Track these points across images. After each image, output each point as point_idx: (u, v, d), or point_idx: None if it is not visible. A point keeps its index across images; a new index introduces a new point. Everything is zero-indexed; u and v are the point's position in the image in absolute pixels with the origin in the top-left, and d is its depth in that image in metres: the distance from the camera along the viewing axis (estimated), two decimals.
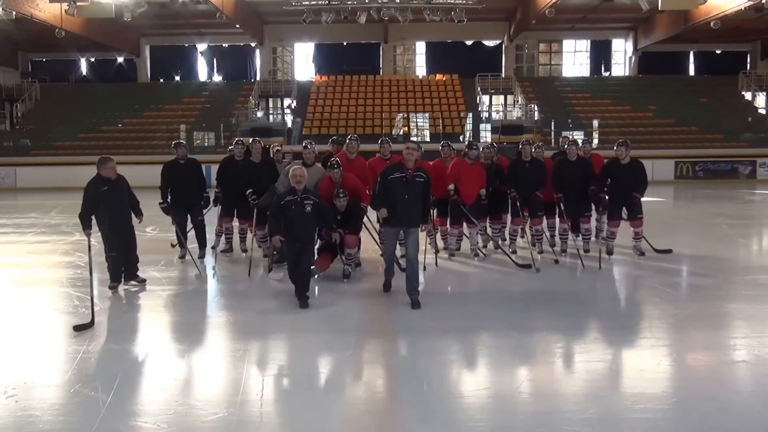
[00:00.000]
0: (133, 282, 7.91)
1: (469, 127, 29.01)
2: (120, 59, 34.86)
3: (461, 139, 25.86)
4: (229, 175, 9.37)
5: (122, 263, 7.73)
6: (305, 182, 7.08)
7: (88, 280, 8.18)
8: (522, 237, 9.82)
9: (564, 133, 10.43)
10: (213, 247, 9.81)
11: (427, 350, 5.56)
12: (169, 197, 9.19)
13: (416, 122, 29.17)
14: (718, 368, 5.16)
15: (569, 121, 28.35)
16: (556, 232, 9.90)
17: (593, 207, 9.52)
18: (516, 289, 7.86)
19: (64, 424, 4.23)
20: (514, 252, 9.51)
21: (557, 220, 9.75)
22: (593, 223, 9.84)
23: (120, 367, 5.18)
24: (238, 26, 29.01)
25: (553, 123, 27.99)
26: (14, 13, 23.24)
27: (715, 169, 25.50)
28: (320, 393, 4.77)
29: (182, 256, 9.39)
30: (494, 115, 30.59)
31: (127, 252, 7.78)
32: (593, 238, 9.91)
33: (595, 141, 25.63)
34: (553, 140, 25.80)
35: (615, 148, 9.17)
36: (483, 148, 9.95)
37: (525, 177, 9.21)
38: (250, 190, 8.95)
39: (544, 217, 9.67)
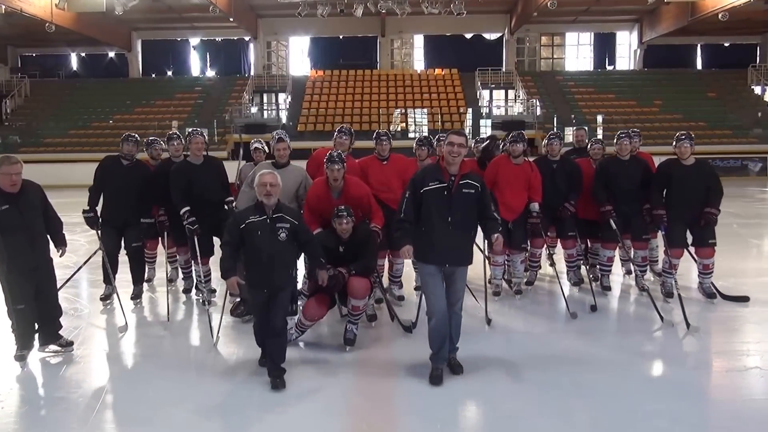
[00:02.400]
0: (53, 347, 5.29)
1: (469, 122, 28.38)
2: (111, 54, 34.42)
3: None
4: (168, 185, 6.62)
5: (34, 320, 5.13)
6: (279, 194, 4.73)
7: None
8: (551, 264, 7.35)
9: (575, 128, 8.68)
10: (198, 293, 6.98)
11: None
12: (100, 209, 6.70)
13: (414, 118, 28.57)
14: (730, 375, 4.94)
15: (572, 116, 27.71)
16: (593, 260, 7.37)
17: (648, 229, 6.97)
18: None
19: (51, 431, 4.13)
20: (530, 283, 7.31)
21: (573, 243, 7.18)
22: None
23: (109, 373, 5.10)
24: (231, 20, 28.49)
25: (555, 118, 27.35)
26: (4, 7, 22.82)
27: (724, 166, 24.75)
28: None
29: (106, 297, 6.81)
30: (495, 111, 29.93)
31: (43, 302, 5.17)
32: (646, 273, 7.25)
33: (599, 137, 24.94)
34: None
35: (674, 144, 6.52)
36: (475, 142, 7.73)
37: (554, 182, 6.76)
38: (186, 209, 6.26)
39: (577, 240, 7.14)
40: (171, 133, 7.14)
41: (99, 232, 6.53)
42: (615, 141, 6.87)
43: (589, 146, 7.37)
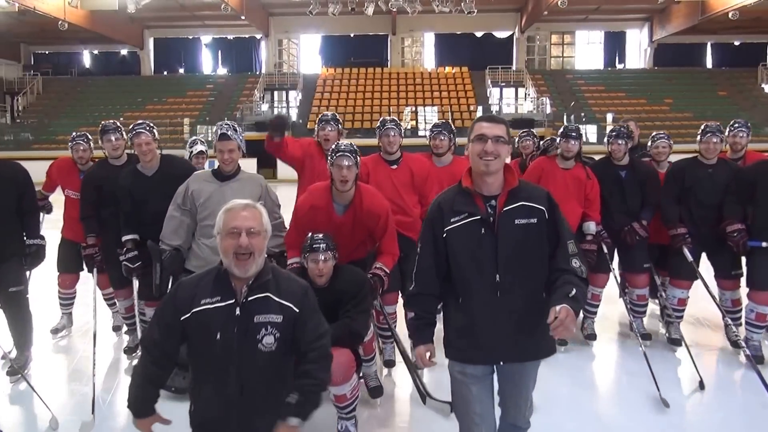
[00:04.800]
0: None
1: None
2: (123, 52, 34.55)
3: None
4: (101, 201, 4.73)
5: None
6: (264, 251, 2.51)
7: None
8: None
9: (624, 120, 5.98)
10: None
11: None
12: None
13: (425, 116, 28.55)
14: (738, 366, 4.74)
15: (582, 115, 27.65)
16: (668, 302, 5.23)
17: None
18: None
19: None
20: (592, 338, 5.26)
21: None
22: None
23: (120, 367, 4.79)
24: (243, 18, 28.49)
25: (565, 117, 27.30)
26: (17, 5, 22.94)
27: None
28: None
29: None
30: (505, 109, 29.90)
31: None
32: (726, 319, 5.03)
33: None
34: None
35: None
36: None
37: (623, 197, 5.01)
38: (130, 238, 4.40)
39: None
40: (106, 123, 4.92)
41: None
42: (699, 138, 4.95)
43: (650, 143, 5.45)
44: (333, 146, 3.79)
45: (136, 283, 4.50)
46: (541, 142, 6.16)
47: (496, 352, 2.59)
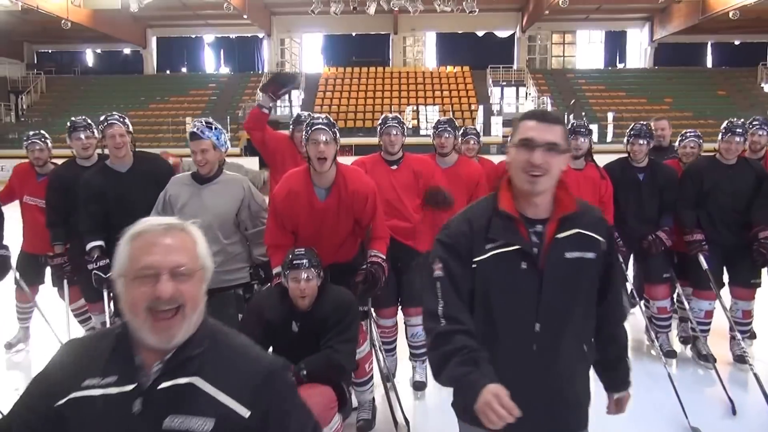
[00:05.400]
0: None
1: (480, 120, 28.46)
2: (126, 51, 34.68)
3: None
4: (71, 205, 4.18)
5: None
6: (199, 310, 1.45)
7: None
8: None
9: (654, 119, 5.50)
10: None
11: None
12: None
13: (426, 115, 28.65)
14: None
15: (583, 114, 27.75)
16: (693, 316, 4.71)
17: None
18: None
19: None
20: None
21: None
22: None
23: None
24: (245, 17, 28.63)
25: (566, 116, 27.41)
26: (20, 4, 23.08)
27: None
28: None
29: None
30: (506, 108, 29.99)
31: None
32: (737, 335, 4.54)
33: (609, 136, 25.09)
34: None
35: None
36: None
37: (640, 201, 4.63)
38: (96, 245, 3.90)
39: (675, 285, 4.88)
40: (76, 120, 4.50)
41: None
42: (720, 137, 4.43)
43: (678, 142, 5.01)
44: (309, 120, 3.41)
45: (109, 298, 4.01)
46: None
47: (531, 421, 1.79)
